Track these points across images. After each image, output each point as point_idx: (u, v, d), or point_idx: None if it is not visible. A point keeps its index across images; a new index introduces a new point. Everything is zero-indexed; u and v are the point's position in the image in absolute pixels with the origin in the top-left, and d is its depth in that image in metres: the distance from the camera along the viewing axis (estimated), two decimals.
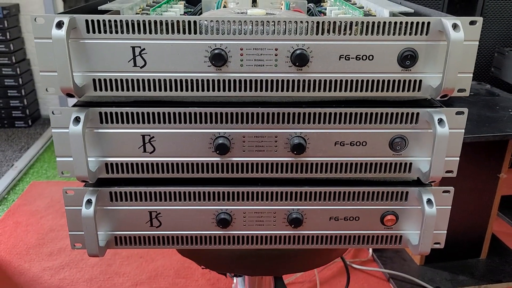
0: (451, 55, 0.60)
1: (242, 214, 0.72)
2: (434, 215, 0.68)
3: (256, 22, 0.62)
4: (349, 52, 0.63)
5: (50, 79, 0.62)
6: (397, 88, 0.65)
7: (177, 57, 0.63)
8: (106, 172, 0.69)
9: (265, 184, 0.71)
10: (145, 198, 0.71)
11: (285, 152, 0.69)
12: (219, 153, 0.67)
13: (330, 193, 0.71)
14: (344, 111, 0.66)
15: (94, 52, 0.62)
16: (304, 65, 0.63)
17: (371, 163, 0.70)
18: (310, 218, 0.73)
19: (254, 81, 0.64)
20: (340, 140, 0.68)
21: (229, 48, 0.62)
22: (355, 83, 0.65)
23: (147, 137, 0.67)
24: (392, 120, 0.67)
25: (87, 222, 0.67)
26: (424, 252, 0.71)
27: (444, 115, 0.65)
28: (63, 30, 0.57)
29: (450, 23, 0.60)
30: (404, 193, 0.71)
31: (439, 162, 0.65)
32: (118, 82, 0.64)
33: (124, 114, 0.66)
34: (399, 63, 0.64)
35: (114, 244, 0.73)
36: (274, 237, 0.74)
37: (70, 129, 0.62)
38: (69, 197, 0.69)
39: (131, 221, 0.72)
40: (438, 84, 0.63)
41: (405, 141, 0.68)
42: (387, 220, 0.72)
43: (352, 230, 0.74)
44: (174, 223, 0.73)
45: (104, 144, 0.67)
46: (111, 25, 0.61)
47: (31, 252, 1.98)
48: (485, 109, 1.59)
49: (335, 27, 0.62)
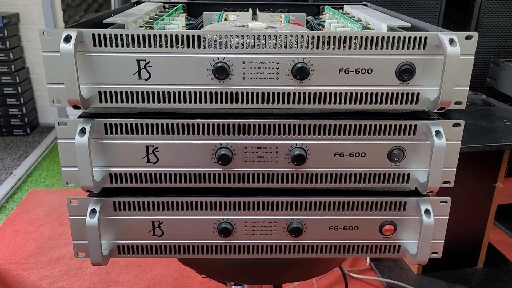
0: (447, 69, 0.62)
1: (243, 223, 0.73)
2: (432, 225, 0.69)
3: (258, 36, 0.63)
4: (348, 66, 0.65)
5: (57, 91, 0.64)
6: (395, 100, 0.67)
7: (181, 70, 0.64)
8: (110, 182, 0.70)
9: (266, 194, 0.73)
10: (148, 207, 0.72)
11: (286, 162, 0.70)
12: (221, 163, 0.69)
13: (330, 203, 0.73)
14: (343, 123, 0.68)
15: (100, 65, 0.63)
16: (305, 78, 0.65)
17: (370, 174, 0.71)
18: (310, 228, 0.74)
19: (256, 94, 0.66)
20: (339, 151, 0.70)
21: (232, 62, 0.64)
22: (355, 95, 0.66)
23: (150, 147, 0.69)
24: (391, 131, 0.69)
25: (91, 232, 0.68)
26: (422, 261, 0.72)
27: (441, 127, 0.66)
28: (71, 44, 0.59)
29: (446, 38, 0.62)
30: (402, 203, 0.73)
31: (436, 173, 0.67)
32: (123, 94, 0.65)
33: (129, 125, 0.67)
34: (397, 76, 0.65)
35: (117, 253, 0.74)
36: (275, 246, 0.75)
37: (76, 140, 0.63)
38: (73, 206, 0.71)
39: (134, 230, 0.73)
40: (435, 97, 0.65)
41: (403, 152, 0.70)
42: (385, 229, 0.74)
43: (351, 239, 0.75)
44: (176, 233, 0.74)
45: (109, 155, 0.69)
46: (117, 39, 0.63)
47: (30, 261, 1.98)
48: (481, 119, 1.61)
49: (335, 41, 0.64)
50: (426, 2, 1.86)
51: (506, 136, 1.46)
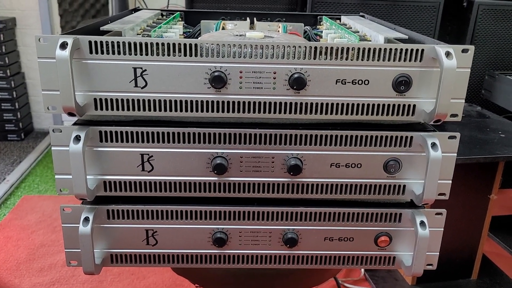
0: (444, 82, 0.62)
1: (238, 233, 0.73)
2: (427, 237, 0.69)
3: (255, 46, 0.63)
4: (345, 77, 0.65)
5: (52, 98, 0.63)
6: (391, 112, 0.67)
7: (178, 78, 0.64)
8: (104, 190, 0.70)
9: (261, 204, 0.72)
10: (142, 216, 0.71)
11: (282, 172, 0.70)
12: (216, 172, 0.68)
13: (325, 213, 0.72)
14: (340, 134, 0.68)
15: (96, 72, 0.63)
16: (302, 88, 0.65)
17: (365, 185, 0.71)
18: (305, 238, 0.73)
19: (253, 103, 0.66)
20: (335, 162, 0.69)
21: (229, 71, 0.64)
22: (351, 106, 0.66)
23: (146, 156, 0.68)
24: (387, 143, 0.69)
25: (84, 240, 0.68)
26: (417, 273, 0.72)
27: (437, 139, 0.66)
28: (67, 51, 0.59)
29: (443, 51, 0.62)
30: (398, 214, 0.73)
31: (432, 185, 0.67)
32: (119, 102, 0.65)
33: (124, 133, 0.67)
34: (393, 88, 0.65)
35: (110, 262, 0.74)
36: (270, 256, 0.75)
37: (71, 148, 0.63)
38: (66, 214, 0.70)
39: (128, 239, 0.73)
40: (431, 109, 0.65)
41: (399, 164, 0.70)
42: (380, 241, 0.74)
43: (346, 250, 0.75)
44: (171, 242, 0.73)
45: (103, 162, 0.68)
46: (114, 46, 0.62)
47: (22, 268, 1.96)
48: (476, 131, 1.62)
49: (332, 52, 0.64)
50: (422, 14, 1.88)
51: (500, 148, 1.47)
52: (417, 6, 1.88)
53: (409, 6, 1.88)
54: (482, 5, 1.96)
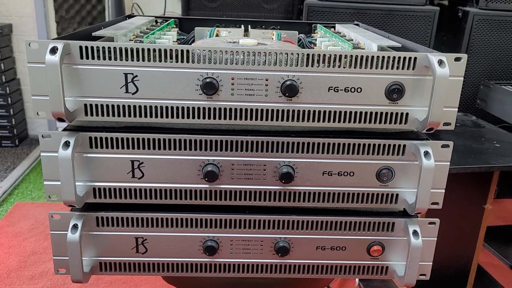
0: (436, 90, 0.61)
1: (229, 241, 0.72)
2: (420, 247, 0.68)
3: (247, 53, 0.63)
4: (338, 84, 0.65)
5: (41, 103, 0.63)
6: (384, 120, 0.66)
7: (169, 84, 0.63)
8: (94, 197, 0.69)
9: (252, 212, 0.71)
10: (132, 223, 0.70)
11: (274, 180, 0.69)
12: (207, 180, 0.67)
13: (317, 222, 0.71)
14: (332, 142, 0.67)
15: (87, 77, 0.63)
16: (294, 95, 0.64)
17: (358, 194, 0.70)
18: (297, 247, 0.73)
19: (245, 110, 0.65)
20: (328, 170, 0.69)
21: (221, 77, 0.63)
22: (344, 114, 0.66)
23: (136, 162, 0.67)
24: (379, 151, 0.68)
25: (72, 247, 0.66)
26: (410, 283, 0.71)
27: (430, 147, 0.66)
28: (56, 56, 0.58)
29: (436, 59, 0.62)
30: (391, 223, 0.72)
31: (424, 194, 0.66)
32: (110, 107, 0.64)
33: (114, 139, 0.66)
34: (386, 96, 0.65)
35: (99, 270, 0.73)
36: (261, 265, 0.74)
37: (60, 154, 0.62)
38: (55, 221, 0.69)
39: (117, 247, 0.71)
40: (424, 118, 0.64)
41: (392, 172, 0.69)
42: (373, 250, 0.73)
43: (338, 260, 0.74)
44: (160, 250, 0.72)
45: (93, 169, 0.67)
46: (105, 51, 0.62)
47: (12, 276, 1.93)
48: (470, 141, 1.62)
49: (325, 60, 0.64)
50: (417, 24, 1.89)
51: (495, 157, 1.46)
52: (413, 15, 1.89)
53: (404, 16, 1.89)
54: (477, 15, 1.97)
